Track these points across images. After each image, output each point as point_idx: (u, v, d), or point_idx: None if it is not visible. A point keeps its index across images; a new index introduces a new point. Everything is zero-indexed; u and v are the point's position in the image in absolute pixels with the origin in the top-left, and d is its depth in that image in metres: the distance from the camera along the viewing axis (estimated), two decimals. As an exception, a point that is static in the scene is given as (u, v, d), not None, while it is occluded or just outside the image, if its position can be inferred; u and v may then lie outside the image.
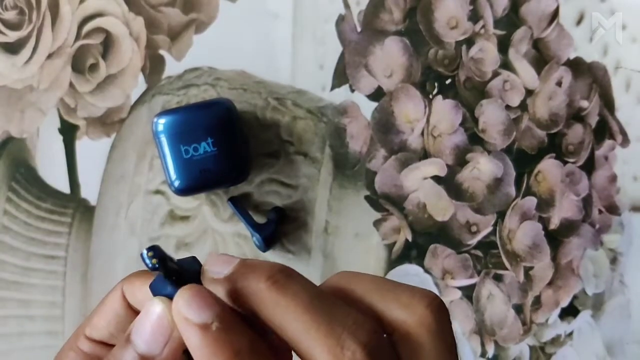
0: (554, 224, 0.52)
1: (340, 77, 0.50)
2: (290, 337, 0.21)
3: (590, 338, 0.54)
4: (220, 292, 0.23)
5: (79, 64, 0.48)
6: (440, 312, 0.22)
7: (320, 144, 0.50)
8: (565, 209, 0.52)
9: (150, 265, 0.22)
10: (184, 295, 0.22)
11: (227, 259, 0.23)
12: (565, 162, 0.52)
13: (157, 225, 0.49)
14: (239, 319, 0.22)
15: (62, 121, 0.49)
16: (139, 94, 0.49)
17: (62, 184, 0.49)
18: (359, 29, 0.50)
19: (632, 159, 0.53)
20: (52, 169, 0.49)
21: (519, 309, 0.52)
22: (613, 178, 0.53)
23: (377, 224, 0.51)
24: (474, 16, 0.50)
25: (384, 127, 0.50)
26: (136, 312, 0.26)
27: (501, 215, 0.52)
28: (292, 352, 0.22)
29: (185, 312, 0.21)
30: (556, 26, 0.51)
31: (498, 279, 0.52)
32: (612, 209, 0.53)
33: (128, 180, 0.49)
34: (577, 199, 0.53)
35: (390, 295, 0.22)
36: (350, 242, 0.50)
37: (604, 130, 0.53)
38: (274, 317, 0.22)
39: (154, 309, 0.23)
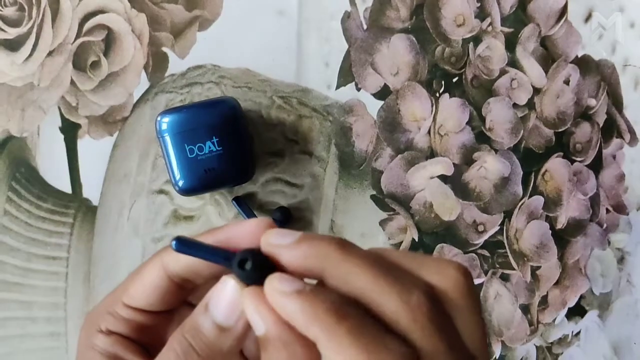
0: (561, 223, 0.52)
1: (346, 75, 0.49)
2: (360, 288, 0.24)
3: (597, 338, 0.53)
4: (287, 257, 0.25)
5: (80, 62, 0.48)
6: (469, 277, 0.25)
7: (326, 143, 0.49)
8: (572, 208, 0.52)
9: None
10: (275, 277, 0.24)
11: (288, 232, 0.26)
12: (572, 161, 0.52)
13: (161, 225, 0.48)
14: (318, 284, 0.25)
15: (63, 120, 0.48)
16: (142, 92, 0.48)
17: (63, 184, 0.48)
18: (365, 27, 0.49)
19: (640, 157, 0.53)
20: (53, 169, 0.48)
21: (526, 309, 0.52)
22: (621, 177, 0.53)
23: (383, 223, 0.50)
24: (481, 13, 0.50)
25: (390, 125, 0.50)
26: (177, 284, 0.28)
27: (508, 215, 0.51)
28: None
29: (281, 286, 0.24)
30: (564, 23, 0.51)
31: (505, 278, 0.51)
32: (620, 208, 0.53)
33: (131, 179, 0.49)
34: (584, 198, 0.52)
35: (424, 262, 0.25)
36: (356, 242, 0.49)
37: (612, 128, 0.52)
38: (344, 274, 0.24)
39: (229, 284, 0.25)
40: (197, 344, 0.26)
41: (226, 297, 0.25)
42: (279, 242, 0.25)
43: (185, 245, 0.26)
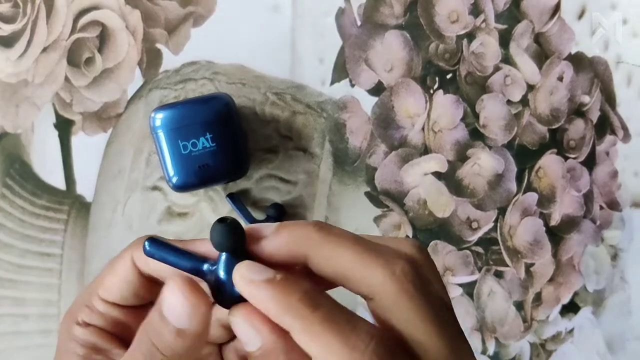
0: (555, 220, 0.52)
1: (340, 71, 0.49)
2: (344, 266, 0.24)
3: (591, 335, 0.54)
4: (269, 248, 0.25)
5: (74, 58, 0.48)
6: (424, 248, 0.26)
7: (320, 139, 0.49)
8: (566, 205, 0.52)
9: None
10: (243, 264, 0.25)
11: (266, 225, 0.26)
12: (566, 158, 0.52)
13: (155, 222, 0.48)
14: (292, 272, 0.25)
15: (58, 116, 0.48)
16: (136, 89, 0.48)
17: (57, 180, 0.48)
18: (359, 23, 0.49)
19: (633, 154, 0.53)
20: (47, 165, 0.48)
21: (519, 306, 0.52)
22: (614, 174, 0.53)
23: (377, 220, 0.50)
24: (475, 10, 0.50)
25: (384, 122, 0.50)
26: (148, 279, 0.29)
27: (502, 211, 0.51)
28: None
29: (250, 274, 0.24)
30: (557, 20, 0.51)
31: (499, 275, 0.52)
32: (613, 205, 0.53)
33: (125, 176, 0.49)
34: (578, 195, 0.52)
35: (387, 240, 0.26)
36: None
37: (605, 125, 0.53)
38: (327, 254, 0.25)
39: (177, 287, 0.25)
40: (160, 346, 0.25)
41: (177, 300, 0.25)
42: (259, 234, 0.26)
43: (156, 247, 0.26)
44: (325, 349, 0.22)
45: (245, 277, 0.24)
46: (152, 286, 0.29)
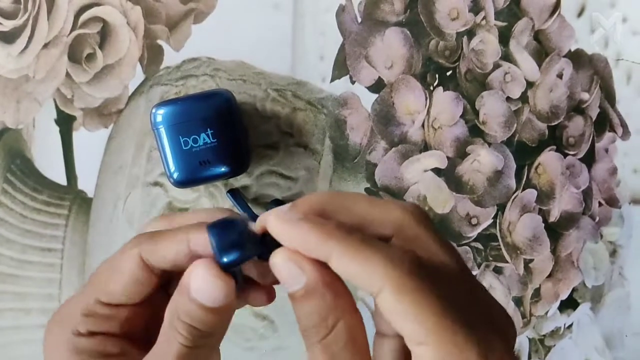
0: (554, 216, 0.52)
1: (341, 68, 0.50)
2: (362, 212, 0.27)
3: (589, 330, 0.54)
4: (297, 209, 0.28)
5: (75, 54, 0.48)
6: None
7: (320, 135, 0.49)
8: (565, 201, 0.52)
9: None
10: (274, 209, 0.27)
11: (284, 206, 0.28)
12: (565, 155, 0.52)
13: (156, 218, 0.49)
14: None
15: (59, 112, 0.48)
16: (137, 85, 0.48)
17: (58, 176, 0.48)
18: (359, 20, 0.49)
19: (632, 151, 0.53)
20: (48, 160, 0.48)
21: (518, 302, 0.52)
22: (613, 170, 0.53)
23: (377, 216, 0.50)
24: (475, 7, 0.50)
25: (385, 118, 0.50)
26: (154, 274, 0.29)
27: (501, 208, 0.51)
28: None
29: (289, 214, 0.26)
30: (557, 18, 0.51)
31: (498, 271, 0.52)
32: (612, 201, 0.53)
33: (126, 171, 0.49)
34: (577, 192, 0.53)
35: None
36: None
37: (605, 122, 0.53)
38: (345, 204, 0.27)
39: (203, 268, 0.27)
40: (197, 324, 0.27)
41: (206, 282, 0.27)
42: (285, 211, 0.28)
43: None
44: (365, 265, 0.25)
45: (281, 217, 0.26)
46: (156, 280, 0.30)
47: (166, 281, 0.30)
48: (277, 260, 0.26)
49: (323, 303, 0.26)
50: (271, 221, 0.27)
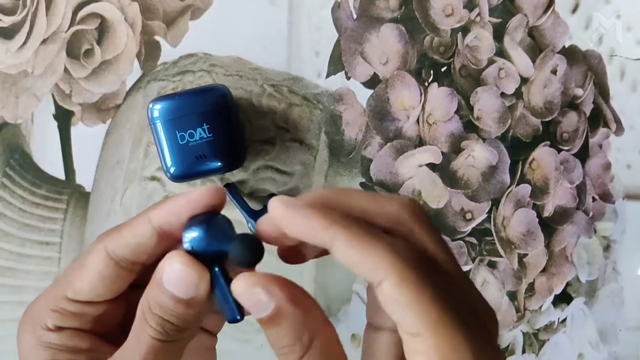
0: (548, 211, 0.53)
1: (336, 64, 0.50)
2: (362, 205, 0.27)
3: (583, 325, 0.54)
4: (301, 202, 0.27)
5: (73, 50, 0.48)
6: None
7: (316, 131, 0.50)
8: (559, 196, 0.53)
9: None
10: (277, 198, 0.26)
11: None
12: (559, 150, 0.52)
13: (153, 212, 0.49)
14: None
15: (57, 107, 0.49)
16: (134, 80, 0.49)
17: (57, 170, 0.49)
18: (354, 16, 0.50)
19: (626, 147, 0.53)
20: (47, 155, 0.49)
21: (512, 296, 0.53)
22: (607, 166, 0.53)
23: (372, 211, 0.51)
24: (470, 4, 0.50)
25: (380, 114, 0.50)
26: (123, 268, 0.28)
27: (496, 203, 0.52)
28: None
29: (293, 203, 0.26)
30: (551, 14, 0.51)
31: (492, 266, 0.52)
32: (606, 196, 0.54)
33: (123, 166, 0.49)
34: (571, 187, 0.53)
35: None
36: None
37: (599, 118, 0.53)
38: (346, 197, 0.27)
39: (177, 259, 0.26)
40: (169, 317, 0.27)
41: (178, 272, 0.26)
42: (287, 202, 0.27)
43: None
44: (370, 254, 0.25)
45: (285, 201, 0.26)
46: (125, 275, 0.29)
47: (145, 279, 0.29)
48: (240, 288, 0.25)
49: (295, 322, 0.25)
50: (275, 206, 0.26)
